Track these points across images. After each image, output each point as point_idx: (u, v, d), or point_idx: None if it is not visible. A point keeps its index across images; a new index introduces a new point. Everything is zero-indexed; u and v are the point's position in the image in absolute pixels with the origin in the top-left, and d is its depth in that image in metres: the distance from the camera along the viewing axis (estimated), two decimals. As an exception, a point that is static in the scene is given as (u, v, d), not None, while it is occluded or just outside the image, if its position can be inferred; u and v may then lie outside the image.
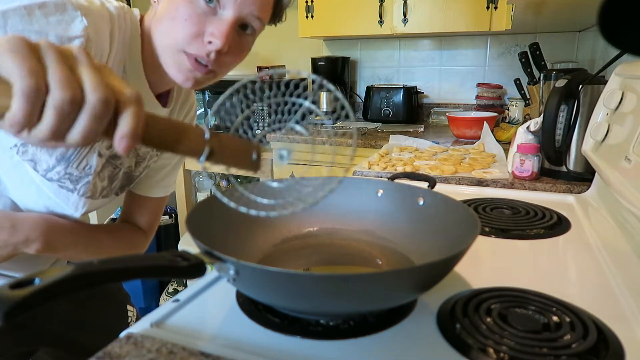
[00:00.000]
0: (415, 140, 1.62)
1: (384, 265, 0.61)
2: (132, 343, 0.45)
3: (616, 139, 0.83)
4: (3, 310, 0.31)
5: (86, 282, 0.35)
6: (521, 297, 0.52)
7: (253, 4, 0.62)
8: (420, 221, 0.63)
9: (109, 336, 0.46)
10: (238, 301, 0.53)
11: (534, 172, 1.08)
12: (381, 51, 2.50)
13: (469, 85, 2.36)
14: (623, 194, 0.71)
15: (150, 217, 0.88)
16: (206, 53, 0.62)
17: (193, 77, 0.64)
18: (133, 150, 0.75)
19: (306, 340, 0.46)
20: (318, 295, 0.44)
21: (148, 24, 0.67)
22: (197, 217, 0.54)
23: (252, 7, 0.62)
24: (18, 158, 0.64)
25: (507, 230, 0.77)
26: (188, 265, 0.41)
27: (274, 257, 0.63)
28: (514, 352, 0.42)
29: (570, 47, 2.14)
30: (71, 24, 0.55)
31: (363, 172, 1.20)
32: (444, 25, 2.00)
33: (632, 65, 0.86)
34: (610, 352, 0.43)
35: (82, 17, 0.56)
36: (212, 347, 0.44)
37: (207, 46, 0.62)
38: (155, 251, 2.44)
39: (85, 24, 0.56)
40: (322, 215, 0.69)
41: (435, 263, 0.44)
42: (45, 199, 0.69)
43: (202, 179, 2.70)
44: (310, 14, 2.18)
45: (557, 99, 1.02)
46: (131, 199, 0.87)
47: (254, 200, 0.47)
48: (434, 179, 0.76)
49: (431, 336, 0.46)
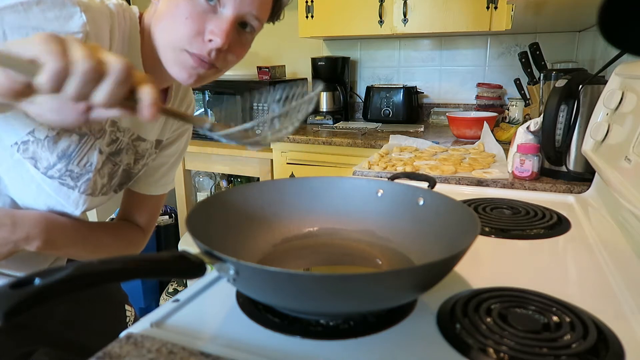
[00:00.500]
0: (415, 140, 1.62)
1: (384, 265, 0.61)
2: (132, 343, 0.45)
3: (616, 139, 0.83)
4: (3, 310, 0.31)
5: (86, 282, 0.35)
6: (521, 297, 0.52)
7: (252, 3, 0.63)
8: (420, 221, 0.63)
9: (108, 336, 0.46)
10: (238, 301, 0.53)
11: (534, 172, 1.08)
12: (381, 51, 2.50)
13: (469, 85, 2.36)
14: (623, 194, 0.71)
15: (149, 215, 0.89)
16: (207, 52, 0.62)
17: (196, 74, 0.65)
18: (132, 147, 0.76)
19: (306, 340, 0.46)
20: (318, 295, 0.44)
21: (148, 22, 0.67)
22: (197, 217, 0.54)
23: (251, 7, 0.63)
24: (19, 156, 0.64)
25: (507, 230, 0.77)
26: (188, 265, 0.41)
27: (274, 257, 0.63)
28: (514, 352, 0.42)
29: (570, 47, 2.14)
30: (70, 20, 0.55)
31: (363, 172, 1.20)
32: (444, 25, 2.00)
33: (632, 65, 0.86)
34: (610, 352, 0.43)
35: (81, 13, 0.56)
36: (212, 347, 0.44)
37: (208, 44, 0.62)
38: (155, 251, 2.44)
39: (85, 20, 0.56)
40: (322, 215, 0.69)
41: (435, 263, 0.44)
42: (45, 197, 0.69)
43: (202, 179, 2.70)
44: (310, 14, 2.18)
45: (557, 99, 1.02)
46: (130, 197, 0.87)
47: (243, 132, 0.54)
48: (434, 179, 0.76)
49: (431, 336, 0.46)
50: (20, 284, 0.32)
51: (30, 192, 0.68)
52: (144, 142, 0.78)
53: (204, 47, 0.62)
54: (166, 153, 0.86)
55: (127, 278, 0.38)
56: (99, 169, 0.71)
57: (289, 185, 0.70)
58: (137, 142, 0.76)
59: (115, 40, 0.62)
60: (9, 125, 0.62)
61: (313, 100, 0.56)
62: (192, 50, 0.62)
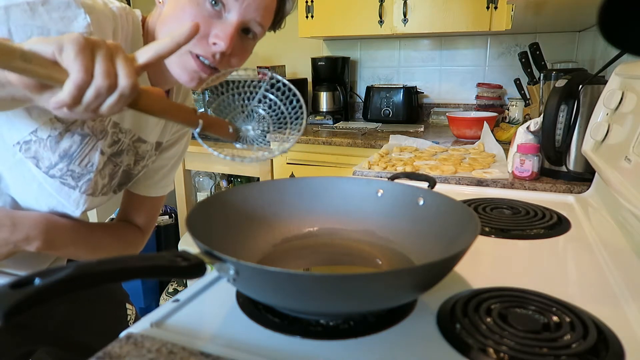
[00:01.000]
0: (415, 140, 1.62)
1: (384, 265, 0.61)
2: (132, 343, 0.45)
3: (616, 139, 0.83)
4: (3, 310, 0.31)
5: (86, 282, 0.35)
6: (521, 297, 0.52)
7: (256, 10, 0.65)
8: (420, 221, 0.63)
9: (109, 336, 0.46)
10: (238, 301, 0.53)
11: (534, 172, 1.08)
12: (381, 51, 2.50)
13: (469, 85, 2.36)
14: (623, 194, 0.71)
15: (148, 216, 0.89)
16: (211, 54, 0.64)
17: (198, 77, 0.66)
18: (132, 149, 0.76)
19: (306, 340, 0.46)
20: (318, 295, 0.44)
21: (152, 25, 0.68)
22: (197, 217, 0.54)
23: (255, 14, 0.65)
24: (20, 155, 0.65)
25: (507, 230, 0.77)
26: (188, 265, 0.41)
27: (274, 257, 0.63)
28: (514, 352, 0.42)
29: (570, 47, 2.14)
30: (74, 20, 0.56)
31: (363, 172, 1.20)
32: (444, 25, 2.00)
33: (632, 65, 0.86)
34: (610, 352, 0.43)
35: (85, 15, 0.57)
36: (212, 347, 0.44)
37: (212, 47, 0.63)
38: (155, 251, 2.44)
39: (89, 21, 0.57)
40: (322, 215, 0.69)
41: (435, 263, 0.44)
42: (46, 197, 0.69)
43: (202, 179, 2.70)
44: (310, 14, 2.18)
45: (557, 99, 1.02)
46: (129, 198, 0.87)
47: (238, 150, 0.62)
48: (434, 179, 0.76)
49: (431, 336, 0.46)
50: (20, 284, 0.32)
51: (32, 191, 0.68)
52: (145, 143, 0.78)
53: (208, 48, 0.64)
54: (166, 155, 0.86)
55: (127, 278, 0.38)
56: (100, 170, 0.71)
57: (289, 185, 0.70)
58: (138, 144, 0.76)
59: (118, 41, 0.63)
60: (12, 124, 0.63)
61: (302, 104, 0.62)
62: (195, 51, 0.64)
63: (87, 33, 0.56)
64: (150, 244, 2.34)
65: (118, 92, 0.44)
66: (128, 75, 0.44)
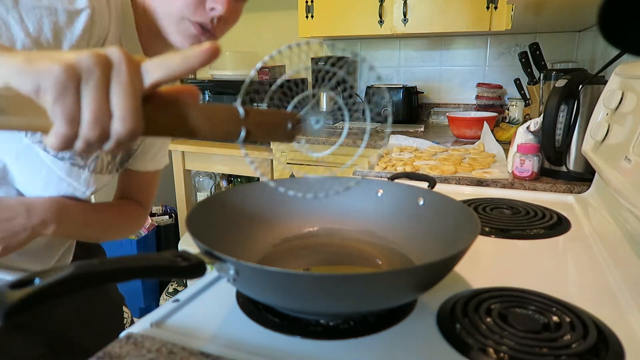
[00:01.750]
0: (415, 140, 1.62)
1: (384, 265, 0.61)
2: (132, 343, 0.45)
3: (616, 139, 0.83)
4: (3, 310, 0.31)
5: (86, 282, 0.35)
6: (521, 297, 0.52)
7: None
8: (420, 221, 0.63)
9: (107, 336, 0.46)
10: (238, 301, 0.53)
11: (534, 172, 1.08)
12: (381, 51, 2.50)
13: (469, 85, 2.36)
14: (623, 194, 0.71)
15: (147, 191, 0.90)
16: (209, 20, 0.65)
17: (199, 42, 0.66)
18: None
19: (306, 340, 0.46)
20: (318, 295, 0.44)
21: None
22: (197, 217, 0.54)
23: None
24: (27, 141, 0.65)
25: (507, 230, 0.77)
26: (188, 265, 0.41)
27: (274, 257, 0.63)
28: (514, 352, 0.42)
29: (570, 47, 2.14)
30: None
31: (363, 172, 1.20)
32: (444, 25, 2.00)
33: (632, 65, 0.86)
34: (610, 352, 0.43)
35: None
36: (212, 347, 0.44)
37: (210, 13, 0.65)
38: (155, 251, 2.44)
39: None
40: (322, 215, 0.69)
41: (435, 263, 0.44)
42: (56, 182, 0.69)
43: (202, 179, 2.70)
44: (310, 14, 2.18)
45: (557, 99, 1.02)
46: (127, 176, 0.88)
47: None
48: (434, 179, 0.76)
49: (431, 336, 0.46)
50: (20, 284, 0.32)
51: (40, 178, 0.68)
52: None
53: (206, 15, 0.65)
54: None
55: (127, 278, 0.38)
56: None
57: (289, 185, 0.70)
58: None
59: (112, 14, 0.64)
60: None
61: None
62: (194, 18, 0.65)
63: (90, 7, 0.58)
64: (150, 244, 2.34)
65: (113, 141, 0.36)
66: (125, 117, 0.36)
